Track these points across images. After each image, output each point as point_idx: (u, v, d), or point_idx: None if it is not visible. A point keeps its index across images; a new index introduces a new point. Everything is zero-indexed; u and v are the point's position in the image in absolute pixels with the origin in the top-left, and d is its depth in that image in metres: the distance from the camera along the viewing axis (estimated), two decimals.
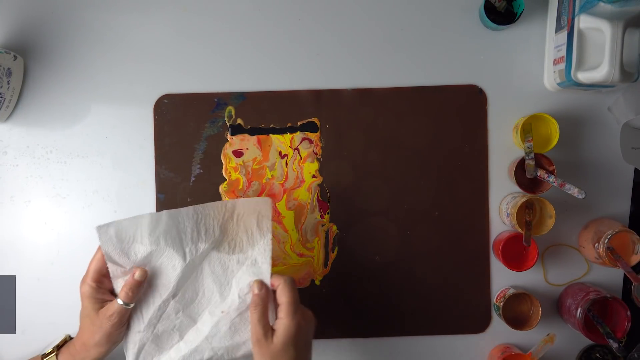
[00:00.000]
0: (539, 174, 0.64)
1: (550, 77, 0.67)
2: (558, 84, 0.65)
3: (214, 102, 0.67)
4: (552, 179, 0.63)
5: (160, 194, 0.67)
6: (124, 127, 0.68)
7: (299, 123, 0.67)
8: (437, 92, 0.67)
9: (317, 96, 0.67)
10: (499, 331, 0.68)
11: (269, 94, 0.67)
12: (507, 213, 0.65)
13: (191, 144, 0.67)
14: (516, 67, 0.68)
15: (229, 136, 0.67)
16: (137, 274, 0.54)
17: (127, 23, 0.68)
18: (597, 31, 0.59)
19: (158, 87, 0.67)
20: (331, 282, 0.67)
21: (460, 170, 0.67)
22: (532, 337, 0.67)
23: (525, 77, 0.68)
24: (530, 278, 0.68)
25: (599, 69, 0.59)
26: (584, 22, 0.60)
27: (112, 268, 0.54)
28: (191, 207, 0.56)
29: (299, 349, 0.53)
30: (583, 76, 0.60)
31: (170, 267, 0.55)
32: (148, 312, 0.56)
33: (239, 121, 0.67)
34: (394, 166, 0.68)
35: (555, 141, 0.65)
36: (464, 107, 0.67)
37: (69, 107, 0.67)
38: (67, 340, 0.61)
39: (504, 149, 0.67)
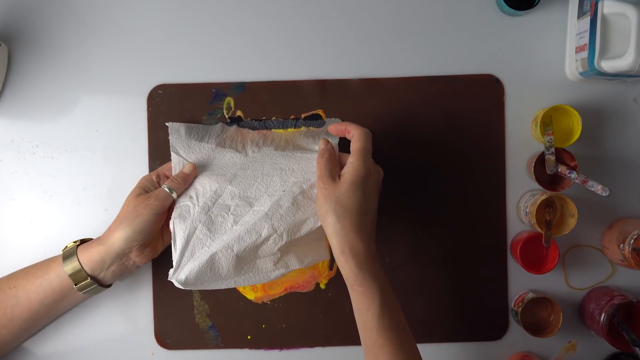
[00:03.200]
0: (559, 170, 0.65)
1: (572, 66, 0.69)
2: (580, 74, 0.67)
3: (211, 93, 0.68)
4: (574, 175, 0.65)
5: None
6: (115, 119, 0.69)
7: (302, 115, 0.69)
8: (450, 83, 0.69)
9: (322, 87, 0.68)
10: (517, 338, 0.69)
11: (271, 84, 0.69)
12: (526, 212, 0.66)
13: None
14: (535, 56, 0.69)
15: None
16: (187, 167, 0.60)
17: (118, 8, 0.70)
18: (622, 17, 0.61)
19: (152, 76, 0.69)
20: (337, 286, 0.68)
21: (475, 166, 0.69)
22: (552, 344, 0.68)
23: (545, 66, 0.69)
24: (551, 281, 0.69)
25: (624, 57, 0.61)
26: (608, 7, 0.62)
27: (174, 159, 0.62)
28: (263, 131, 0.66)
29: (367, 195, 0.54)
30: (607, 65, 0.62)
31: (231, 162, 0.62)
32: (204, 195, 0.59)
33: (239, 113, 0.69)
34: (404, 161, 0.69)
35: (577, 135, 0.66)
36: (480, 98, 0.69)
37: (57, 98, 0.69)
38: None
39: (522, 143, 0.69)
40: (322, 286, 0.70)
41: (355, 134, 0.58)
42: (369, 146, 0.58)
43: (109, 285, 0.65)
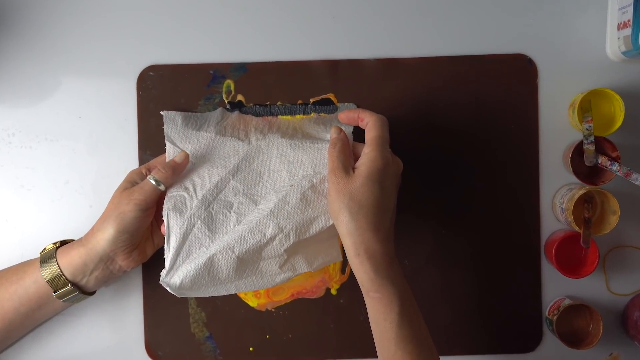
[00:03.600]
0: (600, 162, 0.62)
1: (613, 45, 0.65)
2: (623, 53, 0.64)
3: (209, 75, 0.65)
4: (615, 167, 0.61)
5: None
6: (101, 104, 0.65)
7: (311, 100, 0.65)
8: (477, 63, 0.65)
9: (333, 68, 0.65)
10: (552, 350, 0.66)
11: (276, 65, 0.65)
12: (562, 208, 0.63)
13: None
14: (573, 33, 0.66)
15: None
16: (178, 156, 0.57)
17: None
18: None
19: (142, 56, 0.65)
20: (350, 292, 0.65)
21: (505, 157, 0.66)
22: (591, 357, 0.65)
23: (584, 45, 0.66)
24: (590, 286, 0.66)
25: None
26: None
27: (169, 149, 0.58)
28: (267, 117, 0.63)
29: (385, 190, 0.52)
30: None
31: (233, 151, 0.59)
32: (203, 188, 0.56)
33: (240, 97, 0.65)
34: (425, 152, 0.65)
35: (619, 122, 0.63)
36: (511, 80, 0.65)
37: (35, 81, 0.66)
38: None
39: (558, 131, 0.66)
40: (334, 292, 0.66)
41: (369, 122, 0.55)
42: (385, 135, 0.55)
43: (92, 293, 0.61)
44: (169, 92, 0.65)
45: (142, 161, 0.66)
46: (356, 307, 0.66)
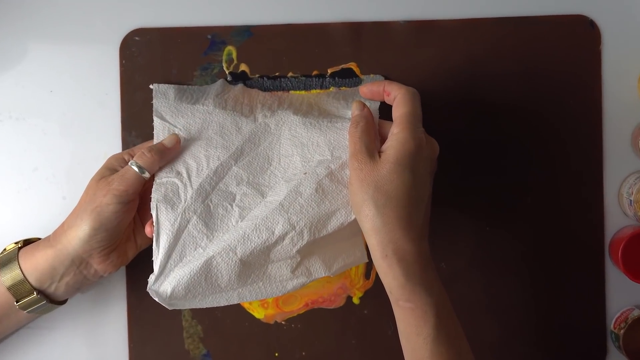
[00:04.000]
0: None
1: None
2: None
3: (206, 41, 0.59)
4: None
5: None
6: (76, 76, 0.59)
7: (329, 71, 0.58)
8: (528, 26, 0.60)
9: (356, 31, 0.59)
10: None
11: (286, 28, 0.59)
12: (630, 200, 0.57)
13: None
14: None
15: None
16: (167, 139, 0.52)
17: None
18: None
19: (126, 18, 0.59)
20: (375, 300, 0.59)
21: (562, 139, 0.60)
22: None
23: None
24: None
25: None
26: None
27: (158, 125, 0.54)
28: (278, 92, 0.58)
29: (417, 178, 0.47)
30: None
31: (235, 129, 0.54)
32: (200, 174, 0.52)
33: (243, 67, 0.58)
34: (466, 132, 0.59)
35: None
36: (568, 46, 0.60)
37: None
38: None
39: (625, 107, 0.60)
40: (356, 300, 0.60)
41: (398, 96, 0.50)
42: (417, 111, 0.50)
43: (62, 302, 0.54)
44: (158, 61, 0.59)
45: (125, 144, 0.58)
46: (383, 319, 0.59)
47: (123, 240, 0.53)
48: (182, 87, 0.56)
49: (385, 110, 0.52)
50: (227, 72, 0.58)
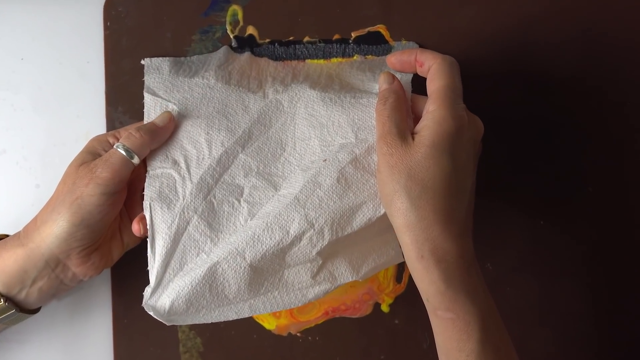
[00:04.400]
0: None
1: None
2: None
3: None
4: None
5: None
6: (53, 41, 0.53)
7: (353, 35, 0.51)
8: None
9: None
10: None
11: None
12: None
13: None
14: None
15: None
16: (160, 118, 0.47)
17: None
18: None
19: None
20: (408, 308, 0.53)
21: (632, 120, 0.53)
22: None
23: None
24: None
25: None
26: None
27: (149, 102, 0.48)
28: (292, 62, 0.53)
29: (458, 163, 0.43)
30: None
31: (241, 107, 0.49)
32: (200, 164, 0.47)
33: (251, 31, 0.51)
34: (514, 109, 0.53)
35: None
36: (637, 9, 0.52)
37: None
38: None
39: None
40: (385, 308, 0.53)
41: (433, 67, 0.45)
42: (457, 84, 0.44)
43: (35, 310, 0.48)
44: (149, 24, 0.52)
45: (111, 121, 0.51)
46: (417, 331, 0.53)
47: (107, 239, 0.47)
48: (179, 59, 0.50)
49: (419, 84, 0.45)
50: (231, 37, 0.51)
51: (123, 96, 0.51)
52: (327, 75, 0.50)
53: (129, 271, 0.50)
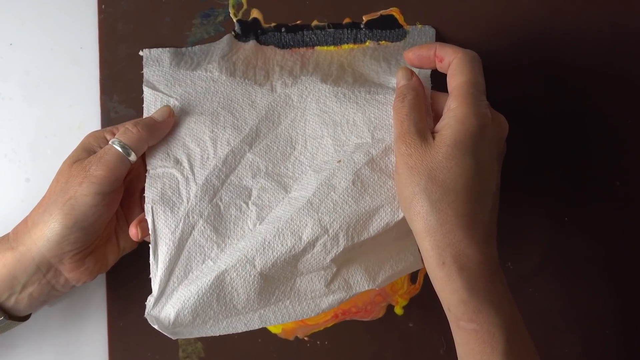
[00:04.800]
0: None
1: None
2: None
3: None
4: None
5: None
6: (43, 25, 0.50)
7: (364, 19, 0.49)
8: None
9: None
10: None
11: None
12: None
13: None
14: None
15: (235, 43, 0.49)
16: (159, 112, 0.46)
17: None
18: None
19: None
20: (424, 310, 0.51)
21: None
22: None
23: None
24: None
25: None
26: None
27: (148, 96, 0.46)
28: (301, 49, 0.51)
29: (481, 164, 0.41)
30: None
31: (247, 102, 0.47)
32: (205, 164, 0.45)
33: (255, 14, 0.49)
34: (542, 102, 0.50)
35: None
36: None
37: None
38: None
39: None
40: (399, 311, 0.51)
41: (453, 62, 0.43)
42: (479, 80, 0.43)
43: (25, 318, 0.46)
44: (147, 7, 0.49)
45: (105, 111, 0.49)
46: (433, 335, 0.50)
47: (102, 242, 0.45)
48: (180, 50, 0.48)
49: (439, 79, 0.43)
50: (234, 20, 0.49)
51: (119, 84, 0.49)
52: (338, 65, 0.48)
53: (125, 270, 0.48)
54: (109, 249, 0.46)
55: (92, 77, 0.50)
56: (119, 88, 0.49)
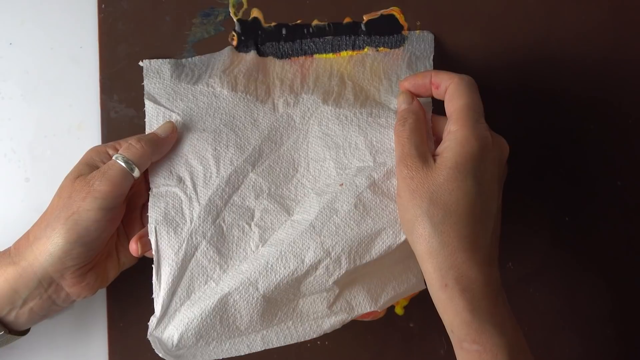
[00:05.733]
0: None
1: None
2: None
3: None
4: None
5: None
6: (43, 24, 0.51)
7: (365, 18, 0.49)
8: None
9: None
10: None
11: None
12: None
13: (167, 55, 0.50)
14: None
15: (235, 42, 0.49)
16: (162, 128, 0.46)
17: None
18: None
19: None
20: (424, 310, 0.51)
21: None
22: None
23: None
24: None
25: None
26: None
27: (150, 111, 0.46)
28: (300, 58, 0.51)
29: (483, 186, 0.42)
30: None
31: (250, 120, 0.47)
32: (208, 184, 0.46)
33: (256, 13, 0.49)
34: (541, 98, 0.51)
35: None
36: None
37: None
38: None
39: None
40: (399, 311, 0.52)
41: (450, 87, 0.44)
42: (477, 103, 0.44)
43: (24, 332, 0.46)
44: (147, 6, 0.49)
45: (106, 110, 0.49)
46: (434, 335, 0.51)
47: (103, 257, 0.45)
48: (180, 62, 0.48)
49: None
50: (235, 20, 0.49)
51: (119, 84, 0.49)
52: (339, 77, 0.48)
53: (126, 270, 0.48)
54: (109, 264, 0.46)
55: (92, 76, 0.50)
56: (119, 88, 0.49)
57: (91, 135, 0.50)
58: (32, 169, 0.50)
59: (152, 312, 0.43)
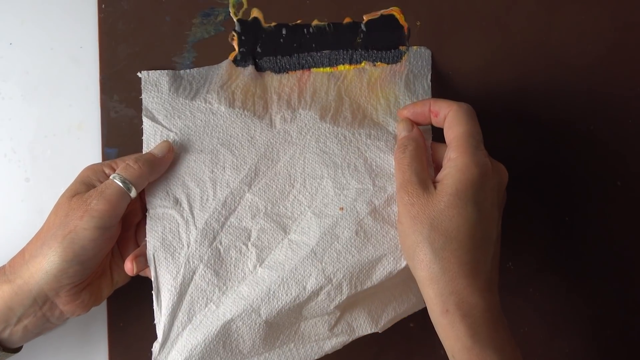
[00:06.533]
0: None
1: None
2: None
3: None
4: None
5: (111, 148, 0.50)
6: (43, 24, 0.51)
7: (365, 18, 0.49)
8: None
9: None
10: None
11: None
12: None
13: (167, 55, 0.50)
14: None
15: (236, 42, 0.49)
16: (158, 147, 0.46)
17: None
18: None
19: None
20: (425, 311, 0.48)
21: None
22: None
23: None
24: None
25: None
26: None
27: (148, 128, 0.47)
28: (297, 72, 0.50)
29: (483, 212, 0.42)
30: None
31: (247, 138, 0.47)
32: (204, 206, 0.46)
33: (256, 13, 0.49)
34: (541, 98, 0.51)
35: None
36: None
37: None
38: None
39: None
40: None
41: (449, 115, 0.45)
42: (476, 129, 0.44)
43: (17, 349, 0.46)
44: (147, 6, 0.50)
45: (105, 111, 0.49)
46: (434, 335, 0.48)
47: (97, 276, 0.46)
48: (178, 73, 0.49)
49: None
50: (235, 20, 0.49)
51: (119, 84, 0.49)
52: (336, 92, 0.49)
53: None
54: (103, 282, 0.46)
55: (91, 76, 0.50)
56: (119, 88, 0.49)
57: (91, 135, 0.50)
58: (32, 169, 0.50)
59: (152, 312, 0.43)
